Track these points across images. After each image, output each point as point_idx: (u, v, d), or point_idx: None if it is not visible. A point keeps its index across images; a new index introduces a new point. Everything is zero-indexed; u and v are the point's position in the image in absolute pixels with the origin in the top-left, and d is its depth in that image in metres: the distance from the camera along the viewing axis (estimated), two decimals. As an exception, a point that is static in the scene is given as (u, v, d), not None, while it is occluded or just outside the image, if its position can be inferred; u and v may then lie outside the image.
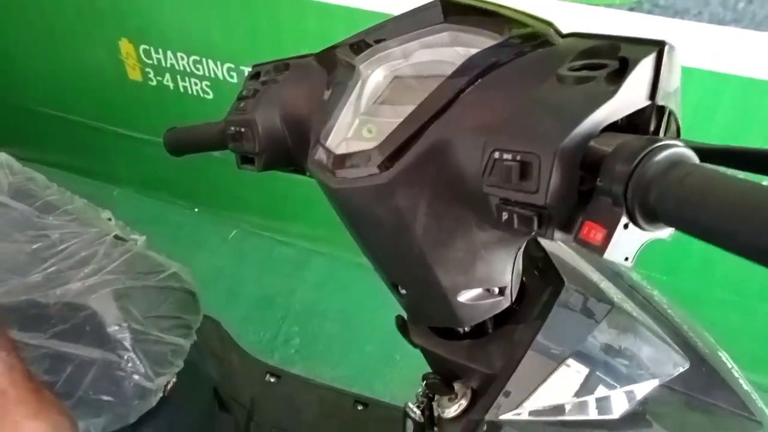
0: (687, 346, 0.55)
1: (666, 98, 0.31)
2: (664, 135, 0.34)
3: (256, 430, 0.99)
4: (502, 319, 0.52)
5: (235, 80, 1.53)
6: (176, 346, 0.75)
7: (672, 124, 0.34)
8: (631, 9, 1.02)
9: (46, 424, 0.57)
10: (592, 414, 0.48)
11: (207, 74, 1.55)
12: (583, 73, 0.31)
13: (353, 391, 1.10)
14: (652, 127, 0.32)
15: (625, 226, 0.29)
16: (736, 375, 0.58)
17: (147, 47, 1.59)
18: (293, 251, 1.84)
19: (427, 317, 0.52)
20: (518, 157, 0.31)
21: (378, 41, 0.51)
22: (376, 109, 0.47)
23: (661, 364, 0.53)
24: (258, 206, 1.87)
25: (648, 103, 0.30)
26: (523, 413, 0.46)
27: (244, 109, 0.57)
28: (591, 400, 0.48)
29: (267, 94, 0.56)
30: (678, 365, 0.53)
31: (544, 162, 0.30)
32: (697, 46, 1.02)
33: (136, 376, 0.69)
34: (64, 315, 0.67)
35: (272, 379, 1.08)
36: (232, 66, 1.51)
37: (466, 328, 0.53)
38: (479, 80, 0.38)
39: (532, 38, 0.37)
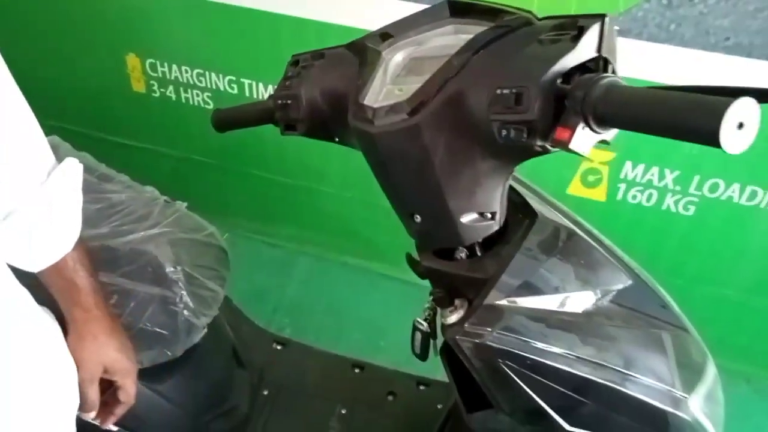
0: (630, 271, 0.71)
1: (607, 52, 0.49)
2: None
3: (267, 388, 1.12)
4: (490, 244, 0.68)
5: (235, 91, 1.68)
6: (214, 292, 0.88)
7: (611, 69, 0.51)
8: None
9: (117, 342, 0.70)
10: (561, 307, 0.65)
11: (209, 86, 1.70)
12: (555, 37, 0.49)
13: (351, 356, 1.24)
14: (599, 70, 0.49)
15: (582, 128, 0.46)
16: (664, 293, 0.74)
17: (153, 61, 1.73)
18: (282, 252, 1.98)
19: (436, 239, 0.68)
20: (514, 90, 0.48)
21: (397, 33, 0.68)
22: (401, 78, 0.64)
23: (610, 279, 0.69)
24: (249, 210, 2.00)
25: (596, 54, 0.48)
26: (510, 301, 0.62)
27: (289, 87, 0.73)
28: (560, 297, 0.65)
29: (308, 74, 0.72)
30: (623, 282, 0.69)
31: (532, 91, 0.47)
32: (638, 60, 1.24)
33: (186, 312, 0.82)
34: (129, 258, 0.80)
35: (278, 347, 1.22)
36: (233, 78, 1.66)
37: (462, 255, 0.69)
38: (483, 50, 0.55)
39: (519, 21, 0.55)
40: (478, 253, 0.68)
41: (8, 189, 0.58)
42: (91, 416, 0.70)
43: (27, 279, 0.63)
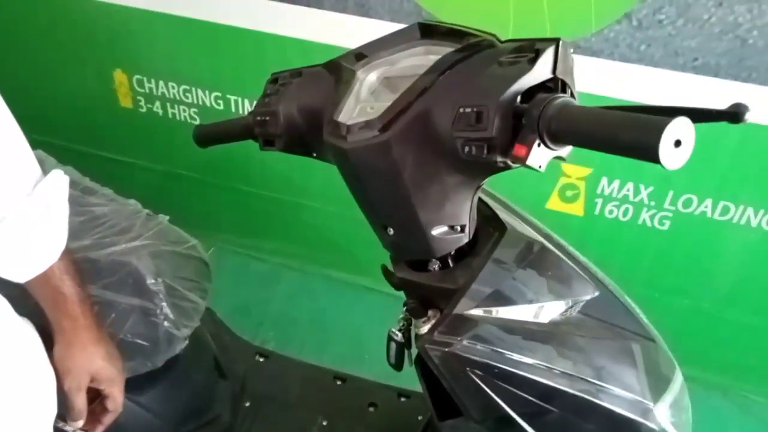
0: (597, 283, 0.74)
1: (563, 73, 0.52)
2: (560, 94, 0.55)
3: (249, 399, 1.13)
4: (461, 256, 0.71)
5: (221, 107, 1.71)
6: (195, 304, 0.90)
7: (568, 89, 0.54)
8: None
9: (104, 351, 0.71)
10: (529, 317, 0.67)
11: (195, 102, 1.73)
12: (514, 59, 0.52)
13: (332, 368, 1.25)
14: (558, 90, 0.52)
15: (538, 145, 0.49)
16: (632, 303, 0.77)
17: (140, 77, 1.76)
18: (267, 266, 2.00)
19: (409, 251, 0.70)
20: (475, 109, 0.51)
21: (371, 53, 0.71)
22: (375, 96, 0.67)
23: (578, 290, 0.71)
24: (234, 225, 2.02)
25: (551, 75, 0.51)
26: (478, 311, 0.65)
27: (268, 104, 0.75)
28: (529, 307, 0.67)
29: (286, 91, 0.75)
30: (590, 293, 0.72)
31: (491, 110, 0.50)
32: (609, 80, 1.28)
33: (167, 323, 0.84)
34: (111, 270, 0.82)
35: (261, 359, 1.23)
36: (219, 95, 1.69)
37: (435, 266, 0.71)
38: (449, 70, 0.58)
39: (482, 44, 0.58)
40: (450, 265, 0.71)
41: None
42: (78, 425, 0.71)
43: (8, 290, 0.64)
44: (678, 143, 0.39)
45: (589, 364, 0.67)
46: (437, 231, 0.65)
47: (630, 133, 0.41)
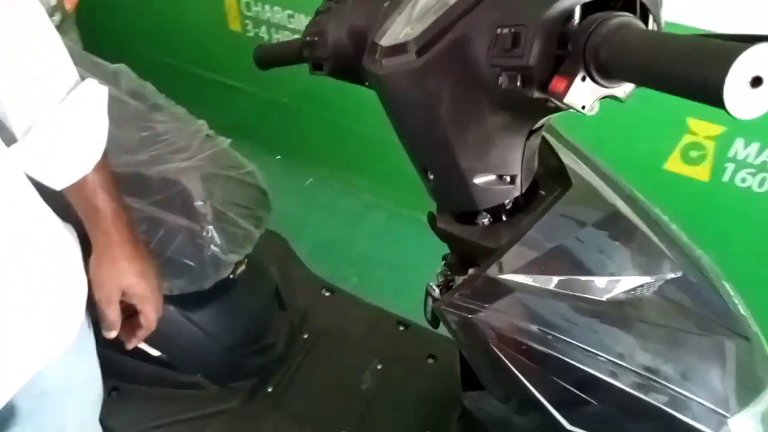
0: (687, 262, 0.61)
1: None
2: (647, 25, 0.42)
3: (307, 331, 1.13)
4: (515, 212, 0.61)
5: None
6: (247, 231, 0.88)
7: (650, 14, 0.42)
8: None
9: (137, 268, 0.71)
10: (580, 291, 0.56)
11: (299, 27, 1.70)
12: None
13: (397, 313, 1.21)
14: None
15: (583, 79, 0.38)
16: (735, 299, 0.63)
17: (249, 0, 1.75)
18: (358, 203, 1.97)
19: (450, 201, 0.62)
20: (512, 30, 0.41)
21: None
22: (423, 17, 0.57)
23: (653, 266, 0.59)
24: (330, 158, 2.01)
25: (616, -11, 0.39)
26: (516, 277, 0.55)
27: (318, 23, 0.68)
28: (579, 279, 0.56)
29: (339, 10, 0.67)
30: (669, 271, 0.59)
31: (529, 32, 0.39)
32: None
33: (213, 247, 0.83)
34: (161, 187, 0.82)
35: (327, 293, 1.21)
36: (322, 20, 1.64)
37: (484, 220, 0.62)
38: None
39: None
40: (503, 220, 0.61)
41: (27, 104, 0.59)
42: (111, 335, 0.73)
43: (59, 197, 0.65)
44: (757, 81, 0.27)
45: (647, 354, 0.55)
46: (481, 180, 0.56)
47: (689, 64, 0.29)
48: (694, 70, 0.29)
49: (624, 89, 0.40)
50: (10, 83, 0.58)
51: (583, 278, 0.56)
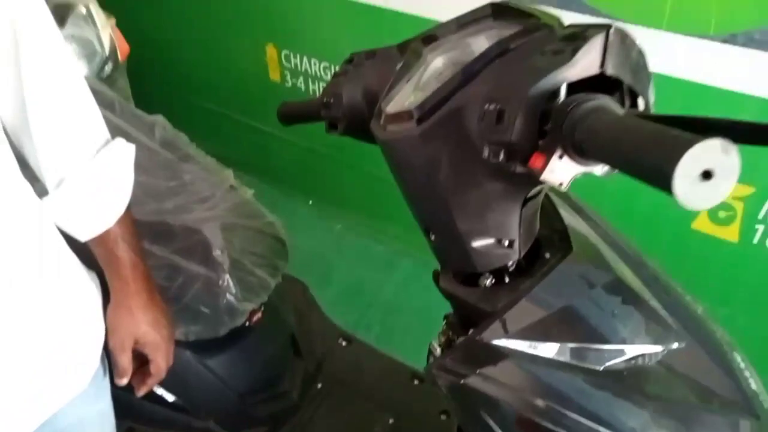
0: (690, 328, 0.59)
1: (619, 71, 0.40)
2: (629, 107, 0.43)
3: (323, 381, 1.13)
4: (517, 275, 0.61)
5: (356, 86, 1.72)
6: (263, 280, 0.91)
7: (639, 99, 0.43)
8: (725, 41, 1.06)
9: (150, 317, 0.73)
10: (576, 360, 0.56)
11: (332, 79, 1.76)
12: (560, 48, 0.42)
13: (412, 366, 1.20)
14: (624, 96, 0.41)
15: (560, 156, 0.39)
16: (746, 373, 0.61)
17: (287, 52, 1.83)
18: (386, 249, 1.99)
19: (450, 261, 0.63)
20: (498, 106, 0.42)
21: (442, 35, 0.64)
22: (428, 84, 0.60)
23: (655, 335, 0.58)
24: (362, 206, 2.04)
25: (599, 71, 0.40)
26: (511, 343, 0.55)
27: (336, 84, 0.72)
28: (576, 347, 0.56)
29: (355, 73, 0.71)
30: (673, 341, 0.58)
31: (512, 109, 0.41)
32: None
33: (229, 295, 0.86)
34: (183, 236, 0.86)
35: (344, 343, 1.22)
36: (356, 74, 1.70)
37: (486, 282, 0.62)
38: (498, 59, 0.49)
39: (535, 28, 0.48)
40: (506, 281, 0.62)
41: (60, 160, 0.64)
42: (122, 382, 0.75)
43: (81, 245, 0.69)
44: (707, 175, 0.27)
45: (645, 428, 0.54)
46: (479, 243, 0.57)
47: (647, 152, 0.30)
48: (650, 157, 0.30)
49: (601, 168, 0.41)
50: (47, 141, 0.62)
51: (580, 346, 0.56)
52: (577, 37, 0.42)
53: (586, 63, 0.40)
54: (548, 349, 0.55)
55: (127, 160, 0.69)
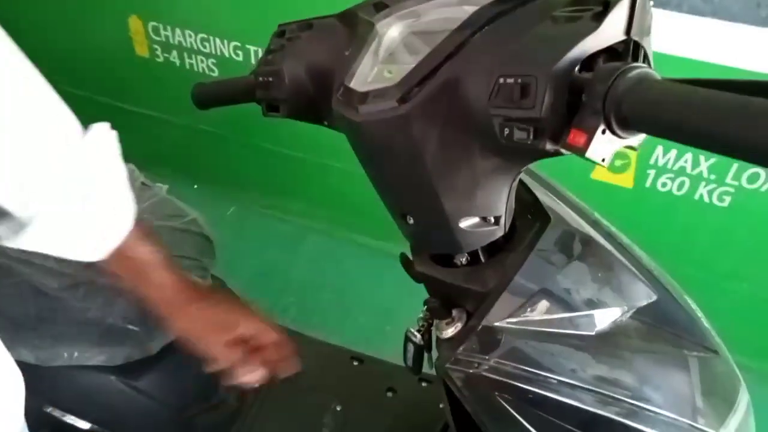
0: (655, 283, 0.62)
1: (639, 35, 0.39)
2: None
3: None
4: (494, 251, 0.59)
5: (240, 58, 1.59)
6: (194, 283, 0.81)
7: (644, 57, 0.41)
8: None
9: (209, 303, 0.67)
10: (572, 328, 0.56)
11: (213, 52, 1.62)
12: (573, 14, 0.39)
13: (351, 348, 1.17)
14: (629, 59, 0.39)
15: (603, 132, 0.36)
16: (698, 313, 0.65)
17: (156, 24, 1.65)
18: (292, 228, 1.91)
19: (431, 244, 0.59)
20: (519, 80, 0.39)
21: (393, 2, 0.59)
22: (394, 56, 0.55)
23: (632, 293, 0.59)
24: (257, 184, 1.93)
25: (624, 37, 0.38)
26: (513, 322, 0.54)
27: (272, 62, 0.64)
28: (571, 317, 0.56)
29: (293, 48, 0.63)
30: (647, 297, 0.60)
31: (540, 82, 0.37)
32: (676, 36, 1.11)
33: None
34: (98, 248, 0.73)
35: (274, 335, 1.15)
36: (239, 44, 1.57)
37: (462, 260, 0.60)
38: (486, 27, 0.45)
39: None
40: (482, 260, 0.59)
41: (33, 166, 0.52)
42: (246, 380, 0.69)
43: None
44: None
45: (638, 383, 0.56)
46: (466, 223, 0.54)
47: (738, 125, 0.28)
48: (743, 132, 0.28)
49: (638, 138, 0.39)
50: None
51: (573, 315, 0.56)
52: (589, 1, 0.40)
53: (613, 29, 0.38)
54: (545, 323, 0.55)
55: (113, 146, 0.59)
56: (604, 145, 0.37)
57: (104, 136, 0.59)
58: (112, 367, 0.76)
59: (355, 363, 1.14)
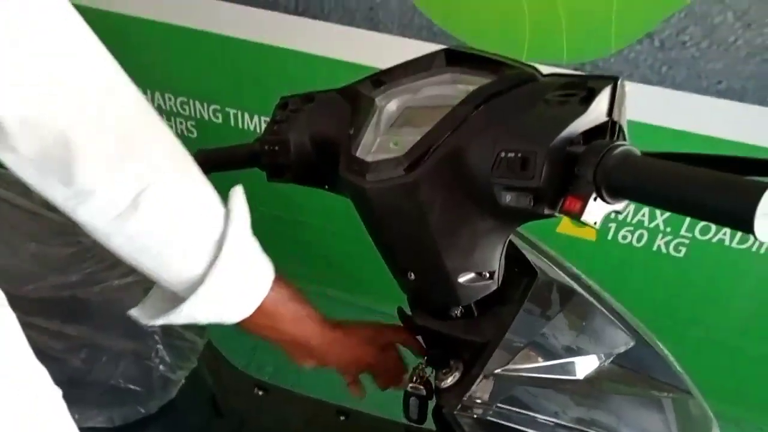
0: (631, 330, 0.68)
1: (618, 116, 0.46)
2: (617, 140, 0.49)
3: (247, 437, 1.06)
4: (486, 303, 0.64)
5: (219, 120, 1.64)
6: (192, 342, 0.83)
7: (621, 132, 0.49)
8: (576, 69, 1.22)
9: (334, 337, 0.72)
10: (563, 374, 0.61)
11: (192, 114, 1.66)
12: (563, 98, 0.46)
13: (335, 402, 1.18)
14: (608, 135, 0.47)
15: (594, 199, 0.43)
16: (669, 356, 0.71)
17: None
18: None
19: (431, 299, 0.64)
20: (520, 154, 0.45)
21: (390, 80, 0.65)
22: (396, 130, 0.61)
23: (612, 341, 0.65)
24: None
25: (607, 118, 0.45)
26: (510, 369, 0.58)
27: (278, 131, 0.69)
28: (563, 362, 0.61)
29: (297, 118, 0.69)
30: (625, 343, 0.66)
31: (539, 156, 0.44)
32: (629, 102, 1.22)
33: (162, 367, 0.77)
34: (101, 309, 0.75)
35: (260, 392, 1.15)
36: (218, 107, 1.63)
37: (457, 312, 0.65)
38: (485, 104, 0.52)
39: (522, 76, 0.52)
40: (475, 313, 0.64)
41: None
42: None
43: None
44: None
45: (627, 426, 0.61)
46: (464, 278, 0.59)
47: (716, 197, 0.35)
48: (720, 202, 0.35)
49: (623, 204, 0.46)
50: None
51: (563, 361, 0.61)
52: (576, 86, 0.47)
53: (597, 112, 0.45)
54: (541, 369, 0.60)
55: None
56: (595, 210, 0.44)
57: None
58: (110, 429, 0.76)
59: (342, 418, 1.15)
